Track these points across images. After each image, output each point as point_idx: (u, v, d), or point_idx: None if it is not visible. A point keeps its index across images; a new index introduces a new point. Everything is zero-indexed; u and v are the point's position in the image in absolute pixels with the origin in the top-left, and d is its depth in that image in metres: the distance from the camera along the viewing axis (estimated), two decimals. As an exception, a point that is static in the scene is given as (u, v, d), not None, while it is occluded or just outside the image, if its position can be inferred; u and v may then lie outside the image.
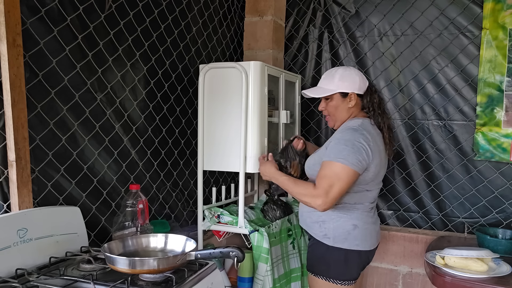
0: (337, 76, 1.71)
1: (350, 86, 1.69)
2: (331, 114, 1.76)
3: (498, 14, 2.23)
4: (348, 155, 1.53)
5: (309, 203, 1.58)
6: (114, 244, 1.25)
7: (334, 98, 1.72)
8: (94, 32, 1.53)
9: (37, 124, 1.34)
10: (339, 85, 1.70)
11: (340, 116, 1.74)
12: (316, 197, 1.54)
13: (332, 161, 1.55)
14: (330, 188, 1.52)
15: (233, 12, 2.54)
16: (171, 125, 2.01)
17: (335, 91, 1.70)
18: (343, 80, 1.70)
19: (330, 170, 1.55)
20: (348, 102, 1.71)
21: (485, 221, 2.33)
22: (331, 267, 1.70)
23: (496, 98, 2.25)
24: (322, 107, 1.78)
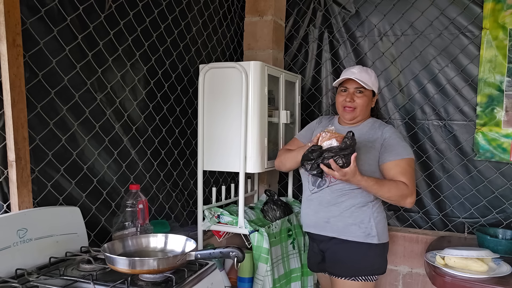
0: (373, 75, 1.81)
1: (377, 88, 1.84)
2: (358, 108, 1.77)
3: (498, 14, 2.23)
4: (411, 149, 1.77)
5: (401, 203, 1.67)
6: (114, 244, 1.25)
7: (368, 94, 1.78)
8: (94, 32, 1.53)
9: (37, 124, 1.34)
10: (374, 84, 1.79)
11: (365, 112, 1.80)
12: (411, 195, 1.66)
13: (406, 158, 1.69)
14: (414, 182, 1.69)
15: (233, 12, 2.54)
16: (171, 125, 2.01)
17: (372, 88, 1.77)
18: (376, 80, 1.82)
19: (408, 166, 1.69)
20: (372, 100, 1.82)
21: (485, 221, 2.33)
22: (375, 263, 1.75)
23: (496, 98, 2.25)
24: (350, 98, 1.76)
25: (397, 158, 1.69)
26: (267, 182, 2.67)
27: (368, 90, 1.77)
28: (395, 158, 1.69)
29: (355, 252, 1.73)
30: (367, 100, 1.78)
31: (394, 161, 1.69)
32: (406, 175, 1.67)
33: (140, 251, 1.30)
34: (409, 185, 1.65)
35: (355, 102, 1.76)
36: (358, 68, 1.78)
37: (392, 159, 1.69)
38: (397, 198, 1.65)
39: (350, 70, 1.79)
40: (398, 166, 1.68)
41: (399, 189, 1.65)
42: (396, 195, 1.64)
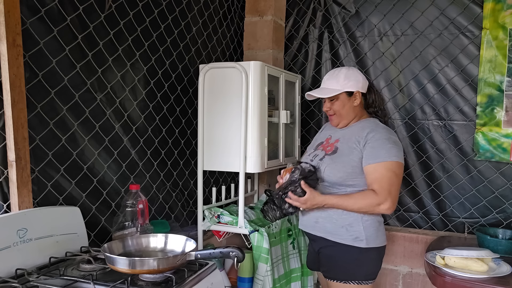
0: (342, 75, 1.72)
1: (355, 85, 1.72)
2: (337, 113, 1.75)
3: (498, 14, 2.23)
4: (398, 152, 1.62)
5: (376, 211, 1.59)
6: (114, 244, 1.25)
7: (340, 98, 1.73)
8: (94, 32, 1.53)
9: (37, 124, 1.34)
10: (344, 84, 1.71)
11: (347, 114, 1.75)
12: (382, 202, 1.56)
13: (386, 161, 1.58)
14: (391, 187, 1.57)
15: (233, 12, 2.54)
16: (171, 125, 2.01)
17: (341, 90, 1.71)
18: (348, 79, 1.71)
19: (386, 170, 1.58)
20: (353, 101, 1.73)
21: (485, 221, 2.33)
22: (368, 268, 1.68)
23: (496, 98, 2.25)
24: (327, 107, 1.77)
25: (376, 162, 1.60)
26: (267, 182, 2.67)
27: (340, 93, 1.71)
28: (373, 161, 1.60)
29: (345, 255, 1.67)
30: (341, 103, 1.73)
31: (372, 165, 1.60)
32: (380, 181, 1.57)
33: (140, 251, 1.30)
34: (378, 192, 1.56)
35: (332, 110, 1.75)
36: (327, 75, 1.78)
37: (371, 162, 1.61)
38: (368, 209, 1.59)
39: (323, 80, 1.80)
40: (376, 172, 1.59)
41: (366, 198, 1.58)
42: (365, 205, 1.59)
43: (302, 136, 2.62)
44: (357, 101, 1.73)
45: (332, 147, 1.73)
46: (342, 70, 1.75)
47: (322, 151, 1.76)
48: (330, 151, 1.72)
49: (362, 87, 1.74)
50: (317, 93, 1.75)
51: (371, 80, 2.15)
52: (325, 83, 1.77)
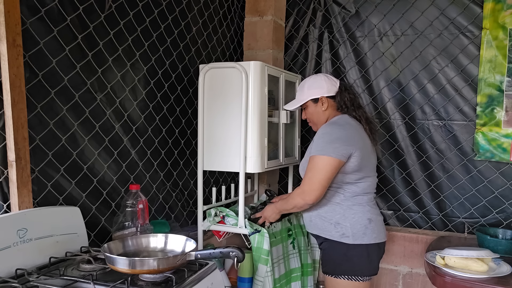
0: (306, 86, 1.90)
1: (318, 92, 1.86)
2: (311, 120, 1.94)
3: (498, 14, 2.23)
4: (325, 146, 1.69)
5: (302, 202, 1.73)
6: (114, 244, 1.25)
7: (308, 105, 1.90)
8: (94, 32, 1.53)
9: (37, 124, 1.34)
10: (309, 93, 1.88)
11: (318, 119, 1.89)
12: (303, 192, 1.71)
13: (313, 155, 1.72)
14: (310, 179, 1.69)
15: (233, 12, 2.54)
16: (171, 125, 2.01)
17: (306, 99, 1.89)
18: (310, 88, 1.88)
19: (311, 164, 1.71)
20: (320, 106, 1.87)
21: (485, 221, 2.33)
22: (355, 264, 1.74)
23: (496, 98, 2.25)
24: (304, 116, 1.97)
25: (308, 157, 1.76)
26: (267, 182, 2.67)
27: (306, 102, 1.89)
28: (307, 156, 1.80)
29: (334, 251, 1.78)
30: (310, 110, 1.90)
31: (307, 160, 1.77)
32: (306, 174, 1.73)
33: (140, 251, 1.30)
34: (301, 184, 1.73)
35: (306, 117, 1.96)
36: (298, 88, 1.98)
37: (306, 157, 1.80)
38: (296, 204, 1.77)
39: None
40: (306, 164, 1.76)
41: (292, 195, 1.80)
42: (293, 202, 1.77)
43: (302, 136, 2.62)
44: (324, 105, 1.86)
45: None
46: (306, 81, 1.92)
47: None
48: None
49: (328, 91, 1.86)
50: (289, 106, 2.00)
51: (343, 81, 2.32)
52: (296, 96, 1.98)
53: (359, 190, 1.77)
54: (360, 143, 1.74)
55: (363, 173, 1.76)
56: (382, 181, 2.53)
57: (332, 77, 1.92)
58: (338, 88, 1.88)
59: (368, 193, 1.81)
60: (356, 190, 1.77)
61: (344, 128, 1.75)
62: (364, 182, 1.78)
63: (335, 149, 1.67)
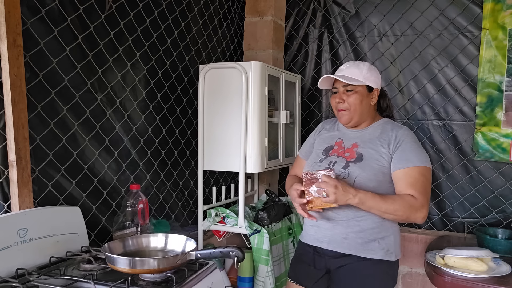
0: (365, 67, 1.53)
1: (376, 82, 1.55)
2: (352, 108, 1.52)
3: (497, 14, 2.23)
4: (427, 157, 1.49)
5: (411, 218, 1.41)
6: (114, 244, 1.25)
7: (360, 91, 1.51)
8: (95, 32, 1.53)
9: (38, 124, 1.35)
10: (367, 77, 1.52)
11: (362, 111, 1.53)
12: (421, 208, 1.40)
13: (418, 166, 1.44)
14: (427, 194, 1.43)
15: (233, 12, 2.54)
16: (171, 125, 2.01)
17: (363, 82, 1.51)
18: (371, 73, 1.53)
19: (421, 176, 1.43)
20: (371, 98, 1.55)
21: (485, 221, 2.33)
22: (394, 281, 1.55)
23: (496, 98, 2.25)
24: (339, 99, 1.53)
25: (407, 166, 1.44)
26: (267, 182, 2.68)
27: (360, 85, 1.51)
28: (404, 166, 1.44)
29: (377, 271, 1.50)
30: (359, 97, 1.51)
31: (403, 169, 1.45)
32: (416, 186, 1.42)
33: (140, 250, 1.30)
34: (418, 197, 1.40)
35: (346, 103, 1.52)
36: (347, 64, 1.56)
37: (402, 167, 1.45)
38: (404, 212, 1.39)
39: (339, 68, 1.59)
40: (408, 176, 1.43)
41: (405, 201, 1.40)
42: (404, 208, 1.39)
43: (302, 136, 2.62)
44: (374, 100, 1.55)
45: (352, 153, 1.53)
46: (365, 63, 1.56)
47: (339, 157, 1.54)
48: (353, 157, 1.51)
49: (380, 86, 1.59)
50: (340, 77, 1.50)
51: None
52: (345, 71, 1.54)
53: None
54: None
55: None
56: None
57: None
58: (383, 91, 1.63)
59: None
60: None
61: None
62: None
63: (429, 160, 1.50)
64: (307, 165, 1.62)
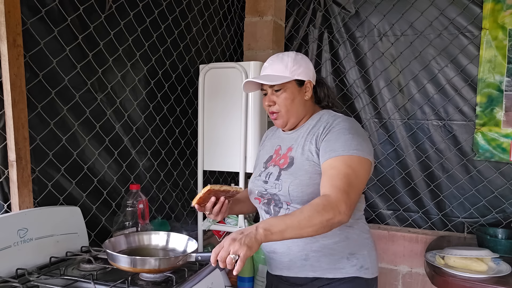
0: (290, 60, 1.29)
1: (306, 73, 1.30)
2: (283, 109, 1.29)
3: (497, 14, 2.23)
4: (360, 144, 1.18)
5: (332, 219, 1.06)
6: (116, 240, 1.24)
7: (289, 88, 1.28)
8: (95, 32, 1.53)
9: (38, 124, 1.35)
10: (294, 70, 1.28)
11: (297, 110, 1.31)
12: (337, 204, 1.07)
13: (345, 155, 1.16)
14: (349, 187, 1.11)
15: (233, 12, 2.54)
16: (171, 125, 2.01)
17: (290, 78, 1.27)
18: (298, 65, 1.29)
19: (345, 167, 1.14)
20: (304, 93, 1.31)
21: (485, 221, 2.33)
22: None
23: (496, 98, 2.25)
24: (269, 102, 1.30)
25: (330, 157, 1.17)
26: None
27: (289, 82, 1.28)
28: (328, 157, 1.18)
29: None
30: (290, 95, 1.28)
31: (326, 161, 1.18)
32: (334, 180, 1.12)
33: (142, 248, 1.29)
34: (332, 193, 1.09)
35: (277, 105, 1.29)
36: (270, 60, 1.33)
37: (325, 159, 1.19)
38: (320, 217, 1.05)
39: (263, 66, 1.35)
40: (329, 168, 1.16)
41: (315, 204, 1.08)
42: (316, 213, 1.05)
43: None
44: (308, 93, 1.31)
45: (285, 158, 1.30)
46: (289, 54, 1.32)
47: (274, 166, 1.32)
48: (285, 164, 1.28)
49: (313, 77, 1.35)
50: (262, 80, 1.28)
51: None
52: (269, 69, 1.31)
53: (363, 205, 1.36)
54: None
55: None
56: (382, 181, 2.53)
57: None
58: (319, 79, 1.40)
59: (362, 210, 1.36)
60: (362, 206, 1.34)
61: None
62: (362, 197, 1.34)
63: (371, 152, 1.22)
64: (250, 181, 1.41)
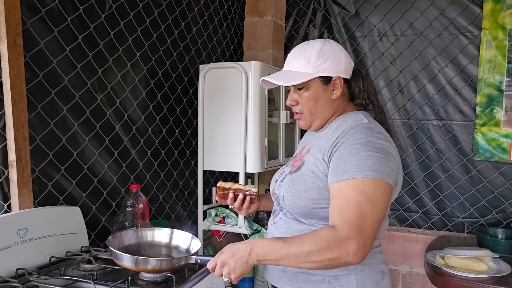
0: (314, 52, 1.11)
1: (335, 67, 1.11)
2: (306, 111, 1.15)
3: (497, 14, 2.23)
4: (377, 164, 0.97)
5: (337, 259, 0.92)
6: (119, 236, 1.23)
7: (312, 86, 1.12)
8: (95, 32, 1.53)
9: (38, 124, 1.35)
10: (318, 65, 1.10)
11: (321, 112, 1.14)
12: (345, 243, 0.91)
13: (354, 178, 0.97)
14: (362, 220, 0.93)
15: (233, 12, 2.54)
16: (171, 125, 2.01)
17: (313, 75, 1.10)
18: (323, 58, 1.10)
19: (356, 193, 0.96)
20: (331, 90, 1.13)
21: (485, 221, 2.33)
22: None
23: (496, 98, 2.26)
24: (292, 101, 1.16)
25: (341, 180, 0.99)
26: (267, 182, 2.68)
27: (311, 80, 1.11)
28: (338, 179, 1.00)
29: None
30: (313, 95, 1.12)
31: (336, 184, 1.01)
32: (343, 210, 0.96)
33: (145, 244, 1.27)
34: (341, 226, 0.93)
35: (300, 105, 1.15)
36: (293, 52, 1.16)
37: (335, 180, 1.01)
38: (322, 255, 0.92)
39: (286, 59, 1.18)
40: (339, 195, 0.99)
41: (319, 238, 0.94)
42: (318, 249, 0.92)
43: (302, 136, 2.62)
44: (337, 91, 1.13)
45: (300, 160, 1.16)
46: (315, 45, 1.12)
47: (288, 166, 1.22)
48: (296, 167, 1.16)
49: (345, 70, 1.14)
50: (275, 79, 1.13)
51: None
52: (289, 63, 1.15)
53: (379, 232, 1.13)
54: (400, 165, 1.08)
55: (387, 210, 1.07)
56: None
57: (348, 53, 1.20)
58: (354, 71, 1.18)
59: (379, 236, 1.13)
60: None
61: (388, 139, 1.06)
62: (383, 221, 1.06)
63: (392, 172, 1.00)
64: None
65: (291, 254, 0.94)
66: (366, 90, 1.18)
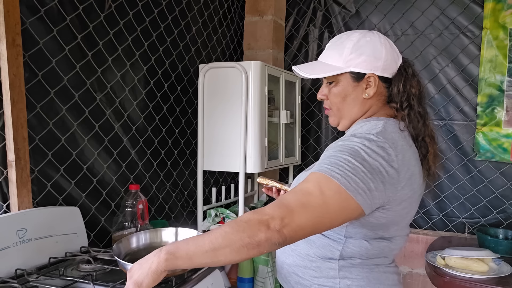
0: (350, 44, 1.00)
1: (369, 63, 0.99)
2: (334, 107, 1.05)
3: (498, 14, 2.22)
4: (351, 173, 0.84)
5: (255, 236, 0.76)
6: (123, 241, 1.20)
7: (341, 82, 1.02)
8: (94, 32, 1.53)
9: (37, 124, 1.34)
10: (351, 59, 0.99)
11: (349, 111, 1.04)
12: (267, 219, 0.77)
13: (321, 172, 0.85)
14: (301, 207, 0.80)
15: (233, 11, 2.54)
16: (171, 125, 2.01)
17: (342, 69, 1.00)
18: (357, 52, 0.99)
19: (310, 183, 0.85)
20: (363, 89, 1.01)
21: (486, 222, 2.33)
22: None
23: (497, 98, 2.25)
24: (322, 95, 1.07)
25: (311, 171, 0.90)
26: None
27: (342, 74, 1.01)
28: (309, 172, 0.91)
29: None
30: (341, 91, 1.02)
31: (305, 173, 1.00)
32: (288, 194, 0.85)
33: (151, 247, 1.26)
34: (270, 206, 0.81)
35: (329, 100, 1.06)
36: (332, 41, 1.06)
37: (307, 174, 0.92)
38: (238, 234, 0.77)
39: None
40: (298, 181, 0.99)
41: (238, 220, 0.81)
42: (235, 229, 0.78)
43: (302, 136, 2.62)
44: (370, 90, 1.00)
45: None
46: (352, 36, 1.01)
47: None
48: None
49: (384, 67, 1.01)
50: (302, 70, 1.04)
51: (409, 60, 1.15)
52: (323, 55, 1.06)
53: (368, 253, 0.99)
54: (408, 189, 0.98)
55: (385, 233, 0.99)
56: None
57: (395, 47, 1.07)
58: (400, 69, 1.05)
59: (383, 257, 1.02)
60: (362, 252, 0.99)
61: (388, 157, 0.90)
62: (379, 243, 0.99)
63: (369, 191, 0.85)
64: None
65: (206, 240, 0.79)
66: (407, 92, 1.04)
